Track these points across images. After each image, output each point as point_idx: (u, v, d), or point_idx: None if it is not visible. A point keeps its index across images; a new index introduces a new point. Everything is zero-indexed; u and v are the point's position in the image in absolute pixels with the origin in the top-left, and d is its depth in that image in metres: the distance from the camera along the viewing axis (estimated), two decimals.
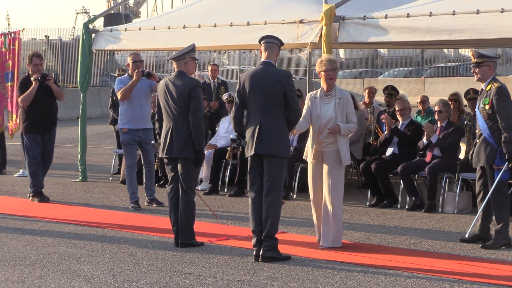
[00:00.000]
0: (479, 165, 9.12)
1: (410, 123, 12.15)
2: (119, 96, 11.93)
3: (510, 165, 8.86)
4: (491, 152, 8.98)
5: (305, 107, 9.18)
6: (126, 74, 12.20)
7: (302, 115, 8.95)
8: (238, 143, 8.67)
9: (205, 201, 11.01)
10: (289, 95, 8.49)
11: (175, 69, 9.29)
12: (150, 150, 11.92)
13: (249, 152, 8.56)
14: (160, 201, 11.89)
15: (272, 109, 8.48)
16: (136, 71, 11.73)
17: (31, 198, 12.48)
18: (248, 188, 8.68)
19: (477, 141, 9.16)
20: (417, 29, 11.07)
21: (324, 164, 9.08)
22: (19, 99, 12.67)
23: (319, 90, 9.19)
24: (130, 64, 12.00)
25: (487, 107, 8.97)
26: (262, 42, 8.74)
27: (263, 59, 8.70)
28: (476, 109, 9.24)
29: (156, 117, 9.44)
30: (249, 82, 8.59)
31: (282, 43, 8.78)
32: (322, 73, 9.08)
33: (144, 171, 12.07)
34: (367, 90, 14.52)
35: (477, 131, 9.24)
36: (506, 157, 8.86)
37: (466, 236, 9.17)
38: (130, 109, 11.87)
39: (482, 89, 9.14)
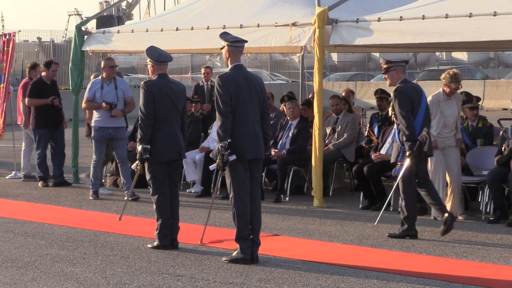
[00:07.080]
0: (392, 162, 9.92)
1: None
2: (83, 105, 13.06)
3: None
4: (398, 150, 9.66)
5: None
6: (100, 77, 12.92)
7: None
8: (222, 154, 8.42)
9: (125, 205, 10.64)
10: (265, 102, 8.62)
11: (162, 73, 9.20)
12: (122, 145, 12.73)
13: (246, 156, 8.38)
14: (136, 194, 12.47)
15: (257, 113, 8.47)
16: (104, 104, 12.53)
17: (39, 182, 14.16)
18: None
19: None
20: (408, 32, 11.09)
21: (448, 152, 10.72)
22: (30, 101, 13.96)
23: (442, 94, 10.73)
24: (106, 68, 12.72)
25: (390, 110, 9.71)
26: (231, 44, 8.44)
27: (236, 62, 8.45)
28: None
29: (147, 122, 8.98)
30: (245, 86, 8.36)
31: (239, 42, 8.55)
32: None
33: (119, 166, 12.83)
34: (343, 93, 14.60)
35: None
36: (406, 154, 9.50)
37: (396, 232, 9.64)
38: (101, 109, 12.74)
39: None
